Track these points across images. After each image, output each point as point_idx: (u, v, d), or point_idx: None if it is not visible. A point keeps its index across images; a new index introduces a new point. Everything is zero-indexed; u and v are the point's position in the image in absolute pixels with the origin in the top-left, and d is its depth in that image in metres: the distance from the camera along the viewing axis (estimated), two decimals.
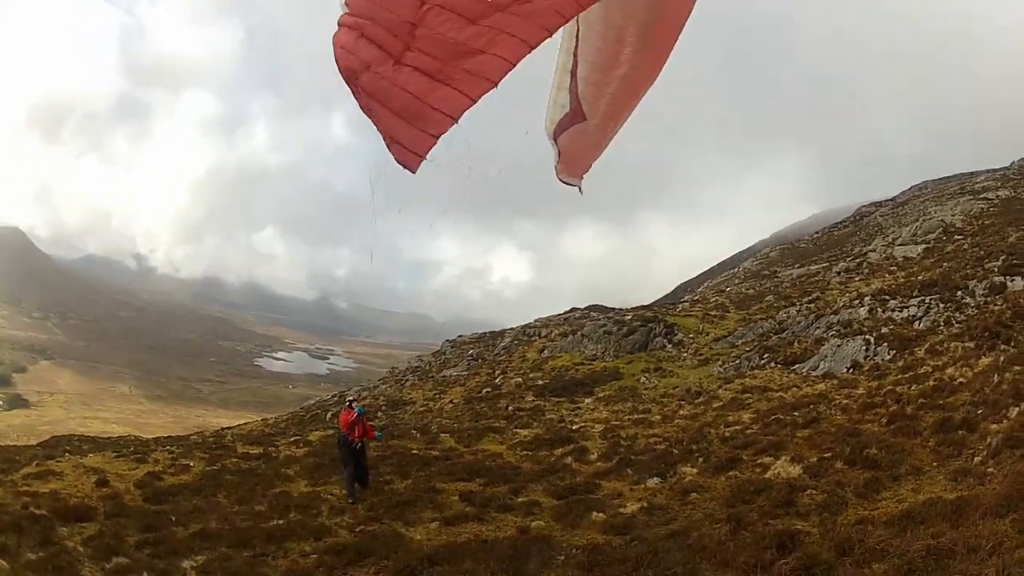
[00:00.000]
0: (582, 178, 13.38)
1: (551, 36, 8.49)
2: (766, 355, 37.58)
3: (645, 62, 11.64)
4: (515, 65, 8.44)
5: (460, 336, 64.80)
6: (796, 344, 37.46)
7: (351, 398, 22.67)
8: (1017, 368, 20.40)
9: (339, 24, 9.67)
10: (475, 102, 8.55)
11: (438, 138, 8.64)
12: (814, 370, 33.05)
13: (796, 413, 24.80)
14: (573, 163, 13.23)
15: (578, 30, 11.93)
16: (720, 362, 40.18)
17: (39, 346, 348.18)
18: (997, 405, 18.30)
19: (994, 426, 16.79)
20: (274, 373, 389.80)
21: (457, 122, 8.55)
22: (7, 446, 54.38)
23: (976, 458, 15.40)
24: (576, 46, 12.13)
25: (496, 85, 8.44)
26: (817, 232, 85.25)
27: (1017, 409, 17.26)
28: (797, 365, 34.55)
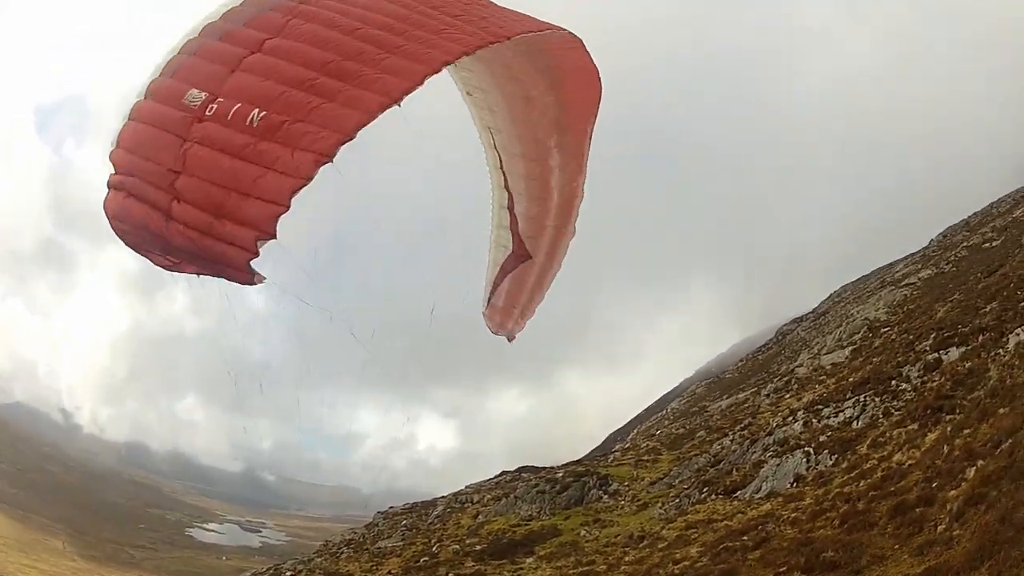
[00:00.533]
0: (519, 328, 13.73)
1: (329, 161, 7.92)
2: (706, 488, 36.45)
3: (571, 177, 11.94)
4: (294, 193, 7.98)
5: (391, 507, 62.65)
6: (735, 472, 36.47)
7: (289, 572, 20.39)
8: (967, 432, 19.60)
9: (107, 186, 9.24)
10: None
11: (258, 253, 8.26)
12: (757, 492, 32.05)
13: (745, 537, 24.20)
14: (510, 312, 13.46)
15: (501, 162, 12.09)
16: (659, 504, 38.78)
17: None
18: (952, 472, 17.40)
19: (952, 492, 15.94)
20: (206, 544, 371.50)
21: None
22: None
23: (940, 527, 14.79)
24: (505, 180, 12.30)
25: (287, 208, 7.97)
26: (741, 360, 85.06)
27: (973, 468, 16.23)
28: (739, 492, 33.53)
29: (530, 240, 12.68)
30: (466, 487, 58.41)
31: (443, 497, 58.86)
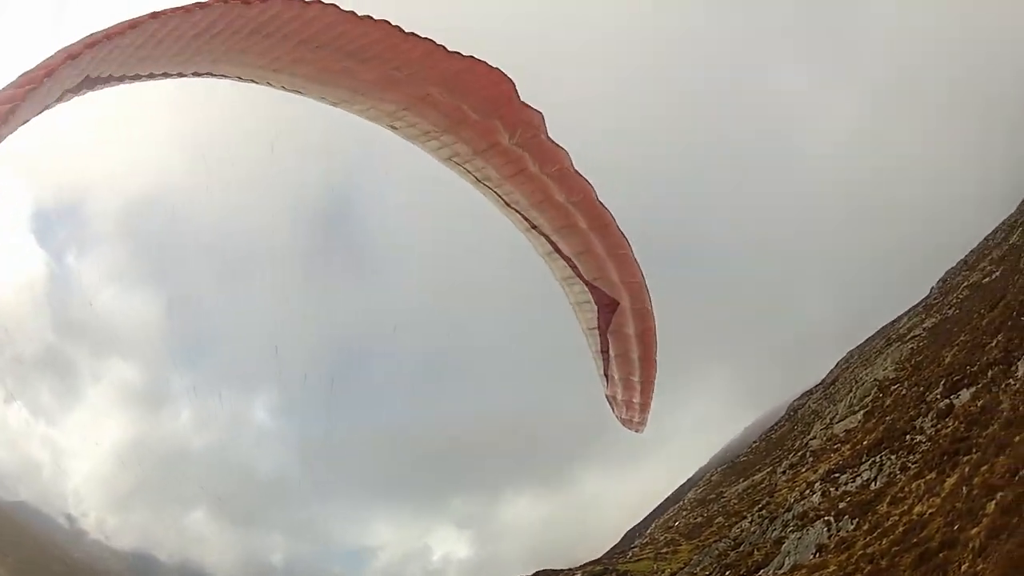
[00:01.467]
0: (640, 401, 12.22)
1: None
2: (728, 572, 36.26)
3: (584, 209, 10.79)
4: None
5: None
6: (755, 552, 35.86)
7: None
8: (984, 468, 18.69)
9: None
10: None
11: None
12: (779, 569, 31.50)
13: None
14: (629, 385, 12.10)
15: (504, 200, 11.28)
16: None
17: None
18: (972, 511, 16.76)
19: (974, 530, 15.25)
20: None
21: None
22: None
23: (963, 566, 14.25)
24: (526, 220, 11.41)
25: None
26: (755, 441, 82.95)
27: (992, 502, 15.13)
28: (762, 570, 33.09)
29: (601, 281, 11.39)
30: None
31: None
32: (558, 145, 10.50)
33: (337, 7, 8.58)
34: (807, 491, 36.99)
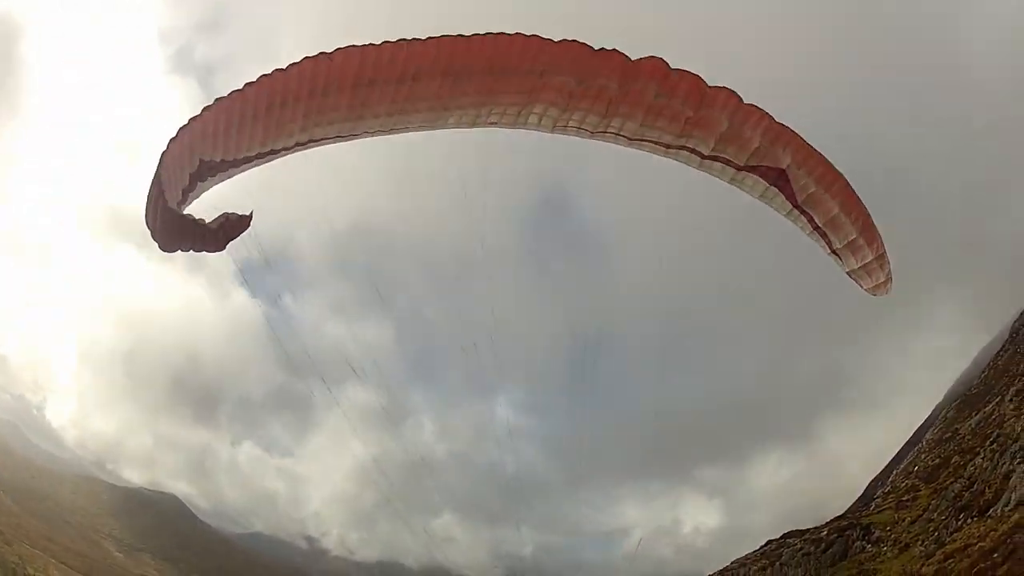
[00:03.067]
0: (884, 263, 12.96)
1: None
2: (962, 515, 35.70)
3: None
4: None
5: None
6: (987, 490, 35.41)
7: None
8: None
9: None
10: None
11: None
12: (1007, 506, 31.39)
13: (995, 554, 24.42)
14: (854, 245, 12.77)
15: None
16: (920, 542, 37.90)
17: None
18: None
19: None
20: None
21: None
22: None
23: None
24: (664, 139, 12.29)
25: None
26: (983, 370, 78.78)
27: None
28: (992, 509, 32.77)
29: (764, 150, 12.04)
30: (732, 562, 58.49)
31: None
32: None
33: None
34: None
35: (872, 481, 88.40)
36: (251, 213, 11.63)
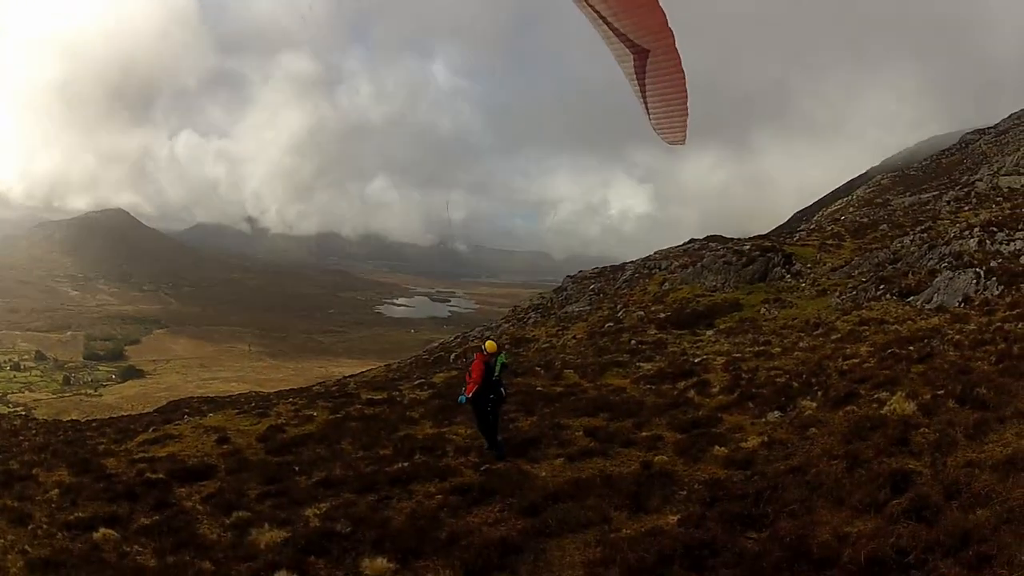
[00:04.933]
0: (685, 129, 12.94)
1: None
2: (882, 286, 37.81)
3: None
4: None
5: (580, 271, 63.57)
6: (911, 275, 37.69)
7: (487, 337, 21.43)
8: None
9: None
10: None
11: None
12: (928, 303, 33.50)
13: (911, 347, 24.82)
14: (669, 113, 12.70)
15: None
16: (838, 292, 40.31)
17: (151, 317, 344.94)
18: None
19: None
20: (395, 319, 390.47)
21: None
22: (121, 416, 53.21)
23: None
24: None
25: None
26: (925, 159, 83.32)
27: None
28: (912, 297, 34.95)
29: (632, 32, 11.46)
30: (655, 253, 59.13)
31: (632, 262, 59.75)
32: None
33: None
34: (966, 232, 38.98)
35: (797, 213, 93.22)
36: None
